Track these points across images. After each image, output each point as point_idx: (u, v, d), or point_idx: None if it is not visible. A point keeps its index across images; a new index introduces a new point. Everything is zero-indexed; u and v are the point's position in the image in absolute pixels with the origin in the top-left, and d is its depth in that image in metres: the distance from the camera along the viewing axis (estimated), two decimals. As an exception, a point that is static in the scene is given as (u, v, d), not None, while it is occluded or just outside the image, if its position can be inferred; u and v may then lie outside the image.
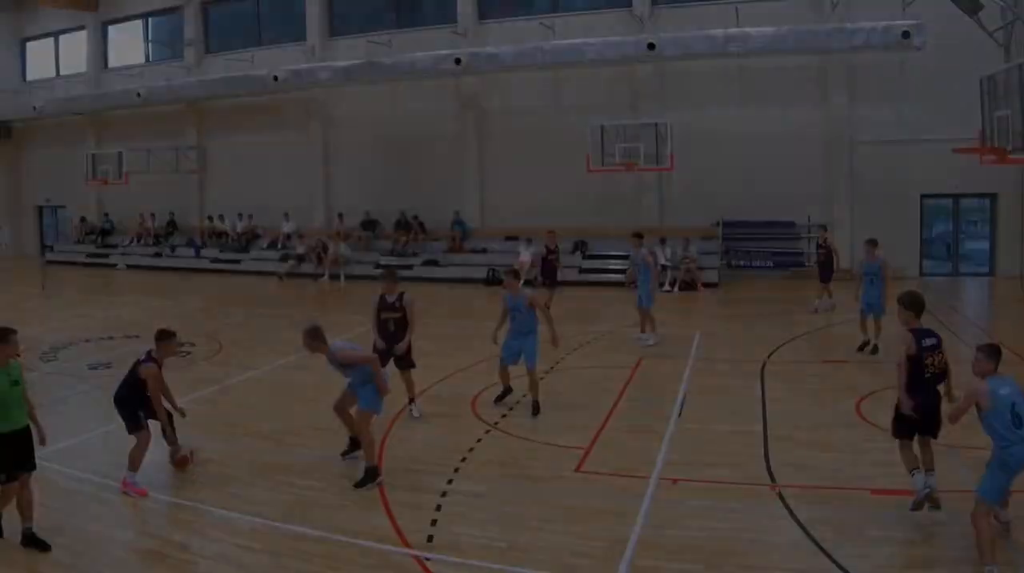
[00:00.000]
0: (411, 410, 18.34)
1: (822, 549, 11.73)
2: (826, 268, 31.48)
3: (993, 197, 38.61)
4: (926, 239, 40.67)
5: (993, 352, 12.50)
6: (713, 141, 40.34)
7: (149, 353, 14.88)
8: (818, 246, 32.60)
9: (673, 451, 15.96)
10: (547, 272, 31.68)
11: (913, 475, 12.95)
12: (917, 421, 13.13)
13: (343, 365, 15.29)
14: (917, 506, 12.74)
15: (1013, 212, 36.76)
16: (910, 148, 37.83)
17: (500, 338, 18.94)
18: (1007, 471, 11.41)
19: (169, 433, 15.01)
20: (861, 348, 23.85)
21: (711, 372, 22.42)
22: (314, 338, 15.11)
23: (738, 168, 40.19)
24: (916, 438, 13.27)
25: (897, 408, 13.29)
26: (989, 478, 11.49)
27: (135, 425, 14.64)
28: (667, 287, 36.72)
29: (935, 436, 13.31)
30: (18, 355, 12.03)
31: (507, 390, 19.36)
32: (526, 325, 18.78)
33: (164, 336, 15.06)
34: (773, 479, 14.51)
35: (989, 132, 28.01)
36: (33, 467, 12.15)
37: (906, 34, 34.50)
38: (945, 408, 13.17)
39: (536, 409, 18.63)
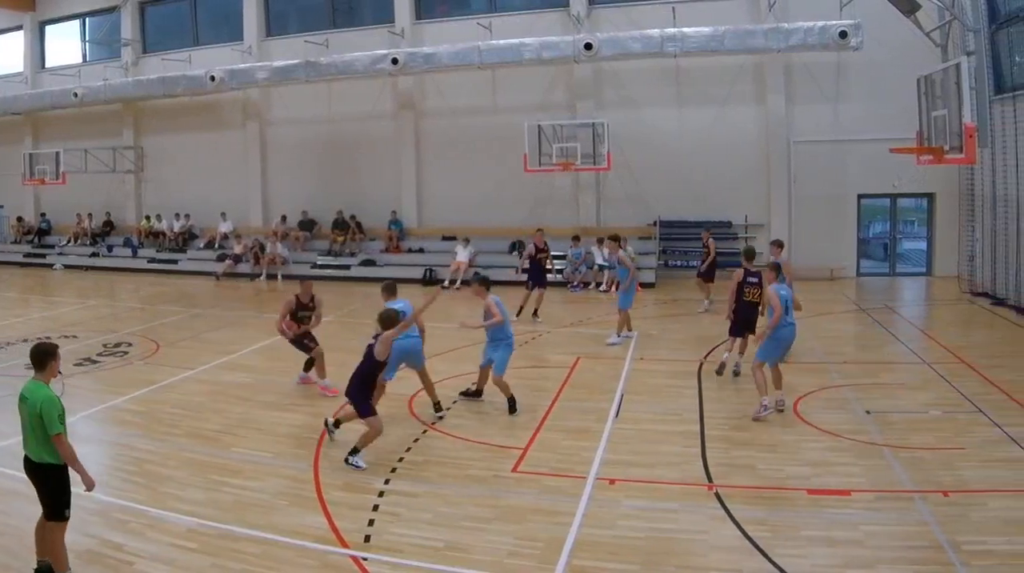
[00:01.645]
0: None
1: (759, 549, 11.82)
2: (711, 268, 32.12)
3: (930, 197, 38.87)
4: (863, 239, 40.93)
5: (775, 266, 20.01)
6: (650, 141, 40.68)
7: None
8: (703, 246, 32.98)
9: (610, 451, 16.09)
10: (535, 272, 31.70)
11: (727, 354, 22.07)
12: (742, 324, 21.86)
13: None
14: (721, 371, 21.85)
15: (950, 212, 36.96)
16: (847, 148, 38.19)
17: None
18: (779, 344, 18.65)
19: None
20: None
21: (648, 372, 22.51)
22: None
23: (675, 168, 40.48)
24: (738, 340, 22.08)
25: (731, 316, 22.01)
26: (765, 348, 18.53)
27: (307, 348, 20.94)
28: (604, 287, 36.95)
29: (753, 333, 21.60)
30: (60, 372, 11.83)
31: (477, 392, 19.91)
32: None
33: (305, 283, 21.23)
34: (710, 479, 14.59)
35: (926, 132, 28.20)
36: None
37: (843, 34, 34.74)
38: (761, 323, 20.70)
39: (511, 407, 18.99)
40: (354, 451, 15.52)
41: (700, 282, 32.44)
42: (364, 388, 15.65)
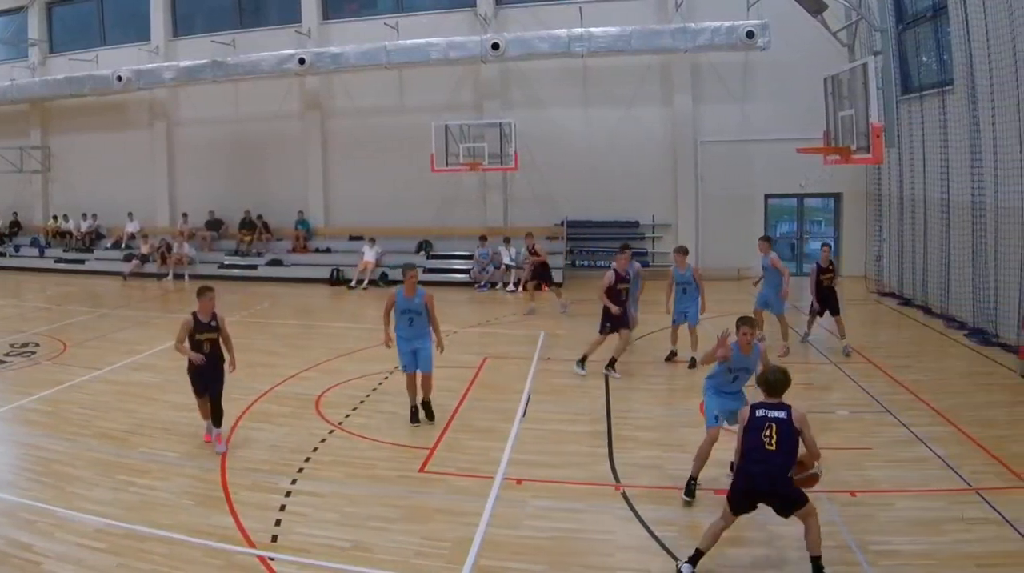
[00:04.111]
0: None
1: (666, 549, 12.01)
2: (543, 273, 32.94)
3: (837, 197, 39.27)
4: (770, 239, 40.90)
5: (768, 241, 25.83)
6: (558, 141, 40.82)
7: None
8: (529, 252, 33.44)
9: (517, 451, 16.17)
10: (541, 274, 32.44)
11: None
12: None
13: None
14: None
15: (857, 212, 37.42)
16: (754, 148, 38.52)
17: None
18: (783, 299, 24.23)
19: None
20: (669, 358, 23.83)
21: (555, 372, 22.57)
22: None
23: (583, 168, 40.61)
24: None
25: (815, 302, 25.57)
26: (782, 304, 24.35)
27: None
28: (511, 287, 37.01)
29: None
30: None
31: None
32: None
33: (203, 298, 16.92)
34: (617, 479, 14.73)
35: (833, 132, 28.42)
36: None
37: (750, 34, 35.02)
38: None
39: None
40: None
41: (531, 290, 33.08)
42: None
